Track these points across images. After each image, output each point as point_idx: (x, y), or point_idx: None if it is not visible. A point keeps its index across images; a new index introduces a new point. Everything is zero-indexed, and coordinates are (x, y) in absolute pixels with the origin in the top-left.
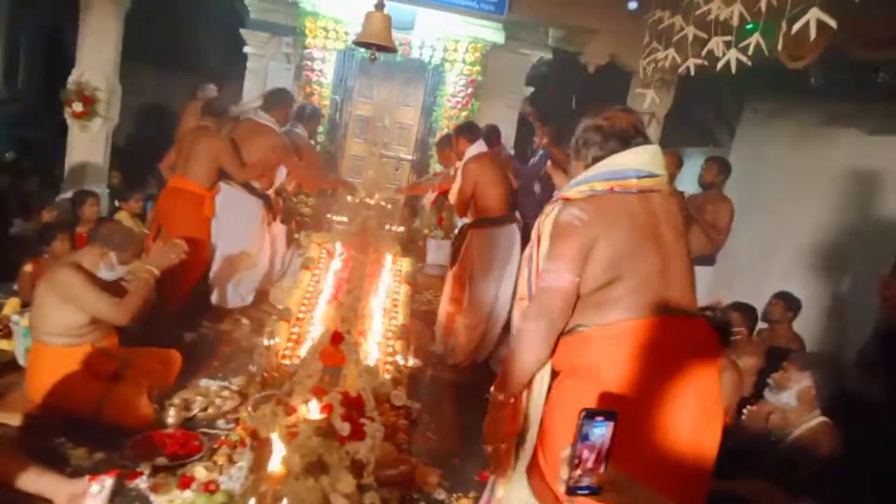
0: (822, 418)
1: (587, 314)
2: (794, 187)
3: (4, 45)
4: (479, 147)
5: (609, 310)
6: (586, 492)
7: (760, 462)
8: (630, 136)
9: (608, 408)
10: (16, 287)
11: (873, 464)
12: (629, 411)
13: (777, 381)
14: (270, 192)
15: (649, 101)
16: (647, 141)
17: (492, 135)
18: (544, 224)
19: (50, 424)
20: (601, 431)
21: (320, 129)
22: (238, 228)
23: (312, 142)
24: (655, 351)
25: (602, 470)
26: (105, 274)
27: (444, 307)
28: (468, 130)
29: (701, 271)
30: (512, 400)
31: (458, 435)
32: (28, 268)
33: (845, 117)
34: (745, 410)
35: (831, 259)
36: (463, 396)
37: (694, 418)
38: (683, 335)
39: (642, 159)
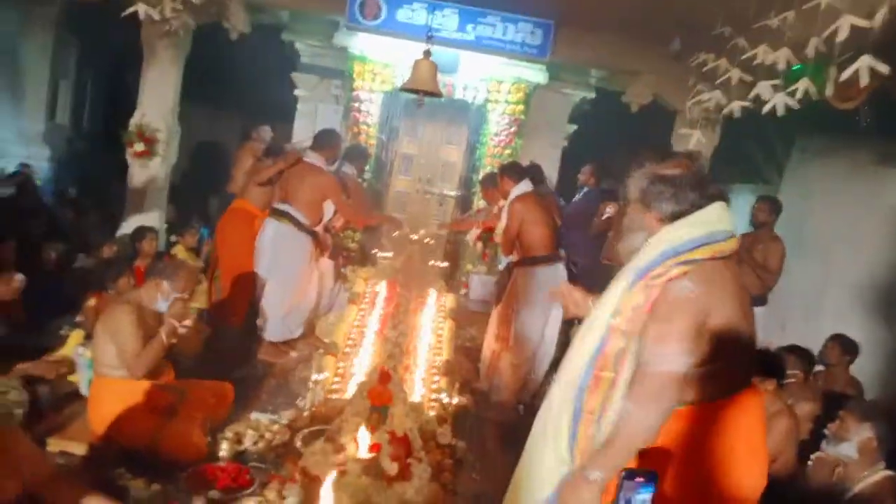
0: (887, 472)
1: (685, 391)
2: (845, 226)
3: (73, 88)
4: (524, 186)
5: (709, 386)
6: None
7: None
8: (705, 187)
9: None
10: (79, 319)
11: None
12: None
13: (835, 432)
14: (318, 228)
15: (695, 141)
16: (716, 188)
17: (536, 174)
18: (629, 295)
19: (110, 455)
20: (643, 497)
21: (367, 167)
22: (288, 263)
23: (359, 180)
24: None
25: None
26: (162, 305)
27: (489, 344)
28: (513, 170)
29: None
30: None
31: (502, 476)
32: (91, 302)
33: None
34: (811, 458)
35: (887, 299)
36: (507, 436)
37: (739, 462)
38: None
39: (723, 216)
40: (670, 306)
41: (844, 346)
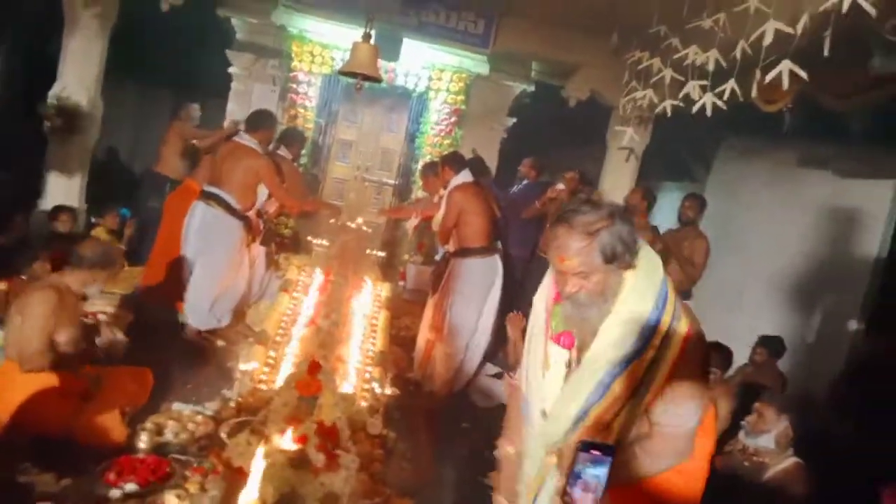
0: (795, 459)
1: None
2: (767, 223)
3: None
4: (464, 177)
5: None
6: None
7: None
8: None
9: None
10: None
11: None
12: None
13: (753, 425)
14: (251, 213)
15: (628, 139)
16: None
17: (478, 166)
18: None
19: (16, 447)
20: (597, 473)
21: (304, 151)
22: (216, 249)
23: (295, 164)
24: None
25: None
26: (92, 291)
27: (424, 334)
28: (454, 160)
29: None
30: None
31: (433, 464)
32: (2, 286)
33: (819, 159)
34: (727, 448)
35: (801, 295)
36: (438, 425)
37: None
38: None
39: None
40: (687, 364)
41: (771, 349)
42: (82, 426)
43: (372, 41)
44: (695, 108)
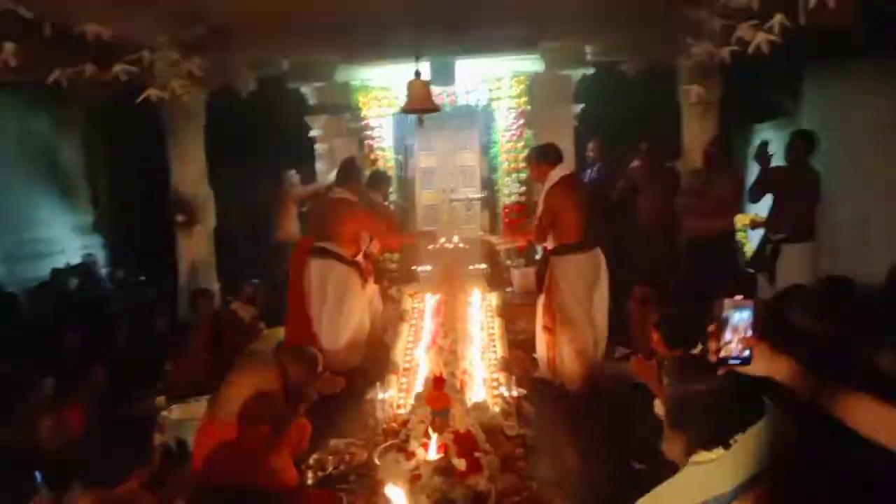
0: None
1: None
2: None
3: (110, 176)
4: (561, 171)
5: None
6: (738, 362)
7: None
8: None
9: None
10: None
11: None
12: None
13: None
14: (359, 257)
15: (696, 94)
16: None
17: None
18: None
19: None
20: (743, 316)
21: (391, 189)
22: (339, 297)
23: (386, 203)
24: None
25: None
26: None
27: (541, 337)
28: (547, 154)
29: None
30: None
31: (575, 455)
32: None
33: None
34: None
35: None
36: (575, 416)
37: None
38: None
39: None
40: None
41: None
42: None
43: (425, 75)
44: (751, 49)
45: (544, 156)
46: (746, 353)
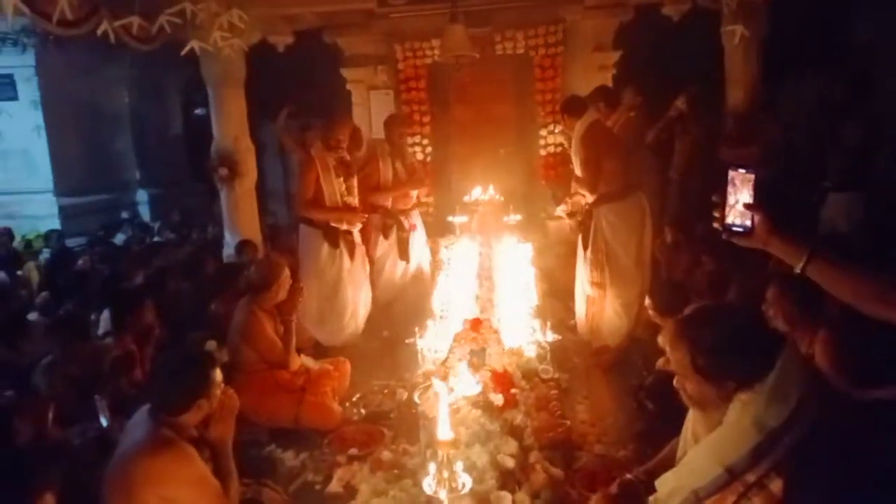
0: None
1: None
2: None
3: (154, 135)
4: (588, 118)
5: None
6: (741, 230)
7: None
8: None
9: None
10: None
11: None
12: None
13: None
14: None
15: (738, 36)
16: None
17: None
18: None
19: (260, 437)
20: (748, 176)
21: (425, 141)
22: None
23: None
24: None
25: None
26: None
27: (584, 291)
28: (570, 106)
29: None
30: None
31: (609, 398)
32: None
33: None
34: None
35: None
36: (612, 367)
37: None
38: None
39: None
40: None
41: None
42: (304, 413)
43: (461, 20)
44: None
45: (568, 108)
46: (748, 222)
